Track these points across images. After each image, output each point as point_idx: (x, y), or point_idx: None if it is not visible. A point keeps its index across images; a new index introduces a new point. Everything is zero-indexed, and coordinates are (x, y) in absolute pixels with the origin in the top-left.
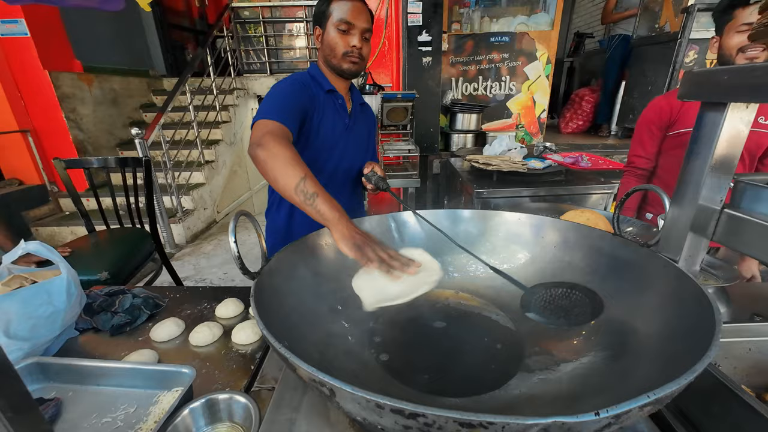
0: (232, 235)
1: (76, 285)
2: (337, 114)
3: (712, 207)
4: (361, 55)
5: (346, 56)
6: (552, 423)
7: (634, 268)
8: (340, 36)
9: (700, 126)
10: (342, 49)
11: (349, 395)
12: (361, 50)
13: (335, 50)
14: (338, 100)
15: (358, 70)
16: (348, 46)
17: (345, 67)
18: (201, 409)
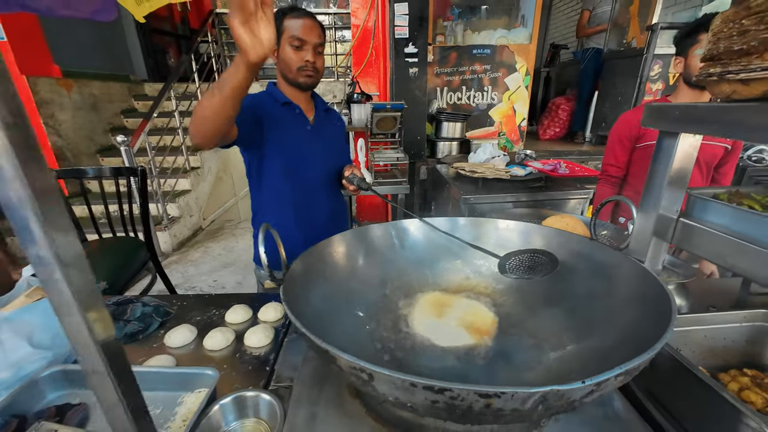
0: (262, 246)
1: None
2: (297, 123)
3: (669, 216)
4: (315, 69)
5: (301, 70)
6: (549, 390)
7: (608, 268)
8: (294, 51)
9: (658, 149)
10: (296, 64)
11: (386, 378)
12: (315, 64)
13: (290, 65)
14: (295, 110)
15: (313, 82)
16: (302, 61)
17: (301, 81)
18: (230, 405)
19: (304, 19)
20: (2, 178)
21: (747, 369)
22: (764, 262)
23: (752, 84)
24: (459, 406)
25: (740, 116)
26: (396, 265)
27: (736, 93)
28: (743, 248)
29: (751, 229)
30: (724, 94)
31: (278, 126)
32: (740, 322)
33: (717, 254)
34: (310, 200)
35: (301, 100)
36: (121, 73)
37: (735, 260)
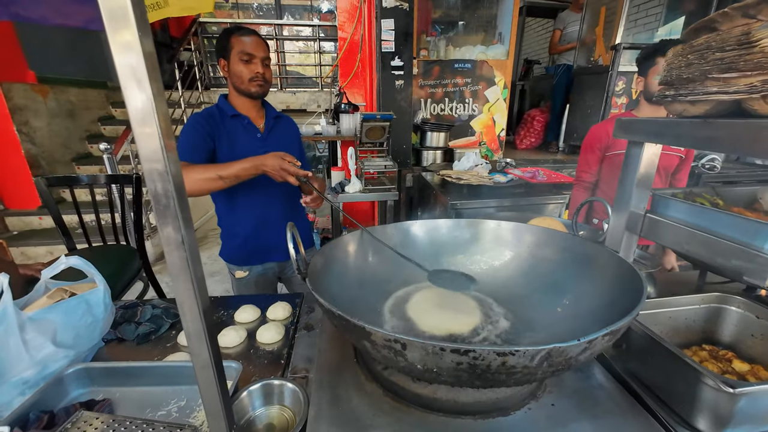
0: (291, 242)
1: (110, 297)
2: (247, 132)
3: (638, 212)
4: (264, 79)
5: (252, 81)
6: (553, 347)
7: (589, 258)
8: (245, 65)
9: (628, 157)
10: (248, 76)
11: (420, 345)
12: (264, 75)
13: (242, 77)
14: (244, 120)
15: (264, 91)
16: (252, 73)
17: (253, 90)
18: (258, 392)
19: (251, 37)
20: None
21: (705, 345)
22: (713, 247)
23: (697, 104)
24: (479, 366)
25: (689, 129)
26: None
27: (686, 111)
28: (696, 236)
29: (702, 221)
30: (677, 111)
31: (229, 137)
32: (698, 304)
33: (676, 243)
34: (265, 203)
35: (250, 110)
36: (99, 79)
37: (690, 246)
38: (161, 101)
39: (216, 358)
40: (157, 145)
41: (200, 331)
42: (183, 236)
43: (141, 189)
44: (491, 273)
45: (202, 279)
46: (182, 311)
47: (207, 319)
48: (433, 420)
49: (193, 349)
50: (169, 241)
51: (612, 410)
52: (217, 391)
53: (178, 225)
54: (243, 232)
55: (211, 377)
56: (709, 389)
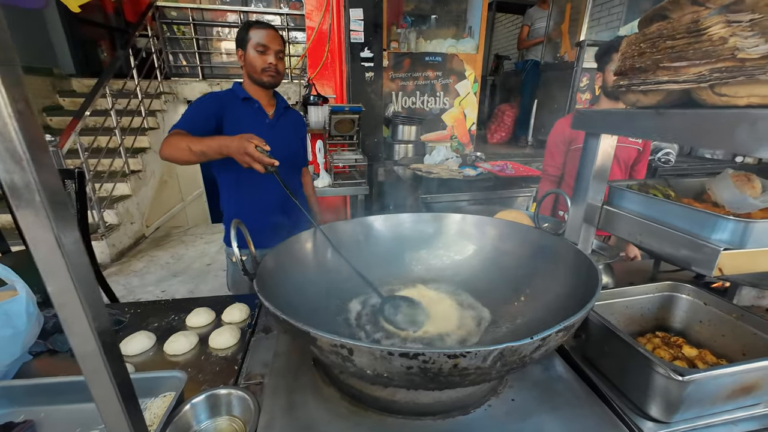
0: (235, 240)
1: (35, 305)
2: (256, 116)
3: (595, 204)
4: (277, 70)
5: (264, 71)
6: (505, 347)
7: (549, 250)
8: (259, 56)
9: (585, 148)
10: (261, 66)
11: (366, 350)
12: (277, 66)
13: (256, 67)
14: (254, 104)
15: (275, 82)
16: (265, 63)
17: (265, 80)
18: (202, 404)
19: (267, 30)
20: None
21: (659, 332)
22: (663, 238)
23: (649, 94)
24: (431, 369)
25: (641, 120)
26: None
27: (639, 101)
28: (649, 227)
29: (654, 213)
30: (630, 102)
31: (238, 119)
32: (652, 293)
33: (630, 234)
34: (266, 187)
35: (262, 97)
36: (42, 65)
37: (643, 237)
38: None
39: (123, 388)
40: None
41: (95, 356)
42: (57, 236)
43: (84, 185)
44: (454, 267)
45: (92, 287)
46: (69, 331)
47: (105, 341)
48: (392, 423)
49: (90, 382)
50: (36, 243)
51: (570, 401)
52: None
53: (48, 224)
54: (241, 213)
55: (117, 411)
56: (660, 377)
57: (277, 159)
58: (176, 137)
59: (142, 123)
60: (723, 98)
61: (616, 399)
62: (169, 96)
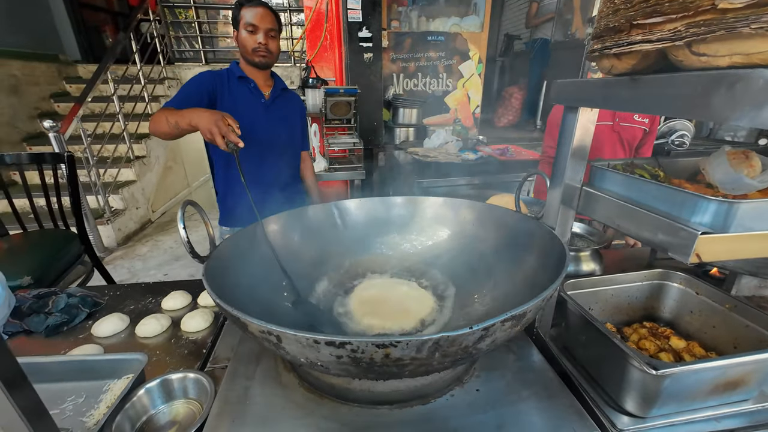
0: (181, 222)
1: (3, 286)
2: (252, 95)
3: (574, 185)
4: (268, 50)
5: (255, 51)
6: (441, 337)
7: (525, 234)
8: (249, 35)
9: (563, 124)
10: (251, 46)
11: (293, 337)
12: (268, 45)
13: (246, 47)
14: (250, 84)
15: (267, 62)
16: (255, 43)
17: (256, 60)
18: (156, 389)
19: (257, 8)
20: None
21: (646, 322)
22: (639, 221)
23: (623, 58)
24: (362, 359)
25: (615, 89)
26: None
27: (614, 67)
28: (625, 210)
29: (634, 194)
30: (606, 69)
31: (233, 97)
32: (641, 281)
33: (608, 217)
34: (261, 168)
35: (258, 77)
36: (48, 52)
37: (620, 220)
38: None
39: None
40: None
41: None
42: None
43: (75, 169)
44: (426, 252)
45: None
46: None
47: None
48: (346, 411)
49: None
50: None
51: (538, 393)
52: None
53: None
54: (233, 193)
55: None
56: (635, 370)
57: (272, 141)
58: (162, 112)
59: (146, 109)
60: (702, 59)
61: (591, 391)
62: (172, 81)
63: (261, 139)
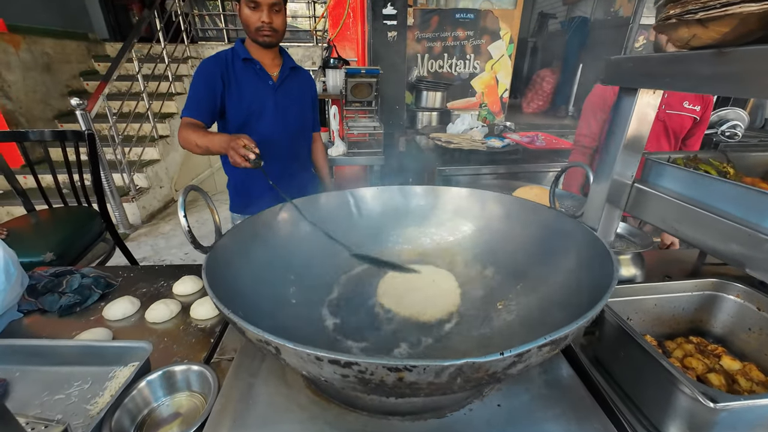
0: (182, 210)
1: (15, 265)
2: (258, 78)
3: (624, 181)
4: (272, 28)
5: (258, 31)
6: (464, 363)
7: (561, 234)
8: (251, 12)
9: (617, 109)
10: (254, 25)
11: (292, 351)
12: (272, 24)
13: (249, 26)
14: (256, 66)
15: (273, 41)
16: (258, 21)
17: (260, 40)
18: (159, 381)
19: None
20: None
21: (692, 336)
22: (707, 228)
23: (711, 26)
24: (371, 380)
25: (694, 65)
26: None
27: (695, 38)
28: (688, 213)
29: (700, 194)
30: (683, 40)
31: (238, 81)
32: (690, 291)
33: (663, 220)
34: (270, 153)
35: (264, 57)
36: (78, 30)
37: (680, 225)
38: None
39: None
40: None
41: None
42: None
43: (96, 147)
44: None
45: None
46: None
47: None
48: (353, 419)
49: None
50: None
51: (566, 413)
52: None
53: None
54: (245, 179)
55: None
56: (686, 398)
57: (283, 124)
58: (186, 130)
59: (169, 88)
60: None
61: (627, 413)
62: (195, 60)
63: (272, 124)
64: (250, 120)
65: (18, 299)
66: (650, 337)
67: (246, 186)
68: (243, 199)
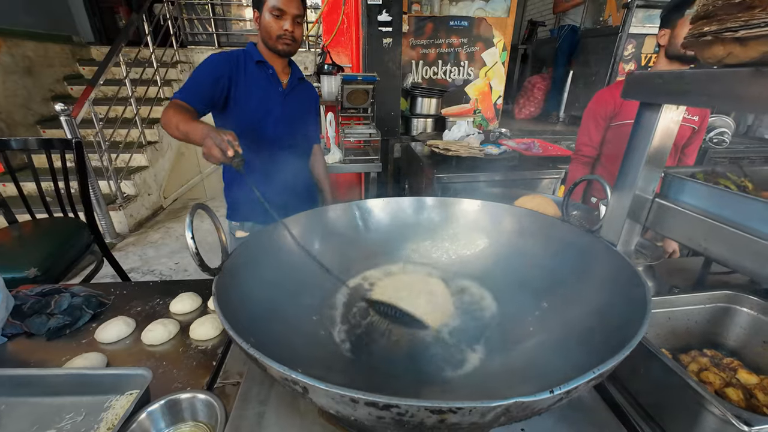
0: (189, 230)
1: (1, 288)
2: (269, 82)
3: (645, 196)
4: (293, 38)
5: (279, 39)
6: (513, 403)
7: (579, 251)
8: (274, 20)
9: (638, 124)
10: (276, 33)
11: (323, 392)
12: (293, 33)
13: (270, 33)
14: (269, 70)
15: (291, 50)
16: (281, 30)
17: (280, 48)
18: (161, 411)
19: None
20: None
21: (706, 350)
22: (744, 247)
23: (750, 44)
24: (409, 422)
25: (732, 84)
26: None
27: (732, 56)
28: (721, 232)
29: (727, 211)
30: (716, 58)
31: (248, 83)
32: (703, 304)
33: (691, 238)
34: (275, 162)
35: (277, 64)
36: (61, 33)
37: (710, 244)
38: None
39: None
40: None
41: None
42: None
43: (83, 156)
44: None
45: None
46: None
47: None
48: None
49: None
50: None
51: None
52: None
53: None
54: (241, 183)
55: None
56: (715, 420)
57: (289, 132)
58: (172, 110)
59: (158, 93)
60: None
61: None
62: (185, 65)
63: (276, 130)
64: (256, 124)
65: (3, 322)
66: (665, 350)
67: (243, 192)
68: (239, 206)
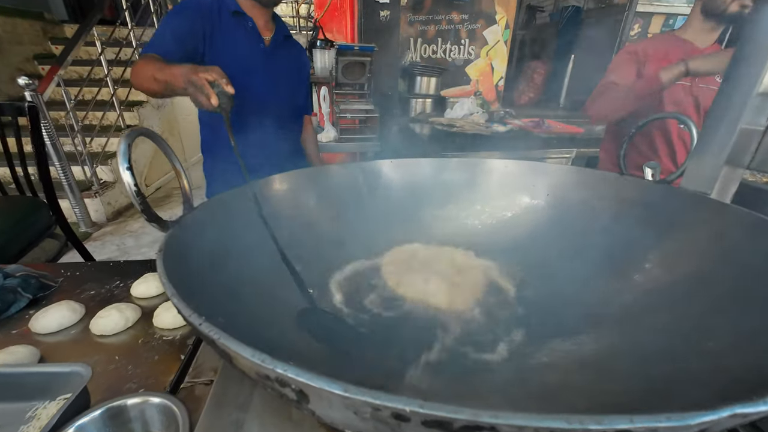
0: (125, 161)
1: None
2: (249, 37)
3: (755, 129)
4: None
5: None
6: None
7: (657, 209)
8: None
9: (750, 35)
10: None
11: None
12: None
13: None
14: (248, 22)
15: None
16: None
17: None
18: (100, 421)
19: None
20: None
21: None
22: None
23: None
24: None
25: None
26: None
27: None
28: None
29: None
30: None
31: (226, 39)
32: None
33: None
34: (259, 129)
35: (258, 16)
36: (32, 9)
37: None
38: None
39: None
40: None
41: None
42: None
43: (38, 122)
44: (497, 231)
45: None
46: None
47: None
48: None
49: None
50: None
51: None
52: None
53: None
54: (221, 156)
55: None
56: None
57: (272, 97)
58: (143, 62)
59: None
60: None
61: None
62: None
63: (259, 93)
64: (238, 83)
65: None
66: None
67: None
68: (219, 182)
